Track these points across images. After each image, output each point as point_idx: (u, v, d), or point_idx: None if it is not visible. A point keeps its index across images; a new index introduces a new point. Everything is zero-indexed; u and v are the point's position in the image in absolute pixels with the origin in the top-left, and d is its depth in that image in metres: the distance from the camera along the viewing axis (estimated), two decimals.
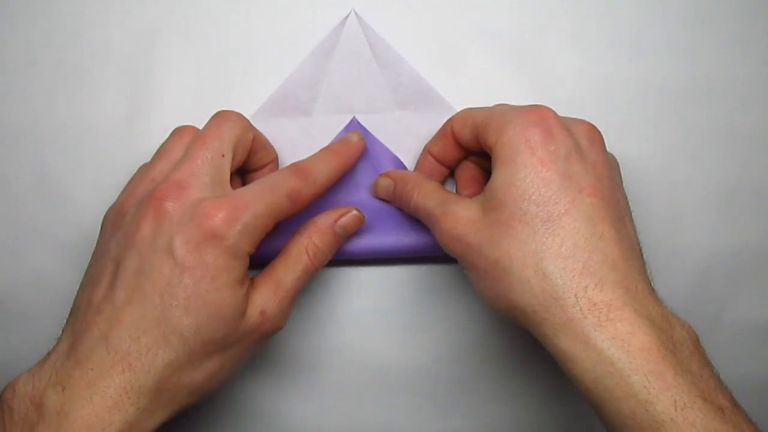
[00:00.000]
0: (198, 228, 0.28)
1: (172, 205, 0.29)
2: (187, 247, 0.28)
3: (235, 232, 0.28)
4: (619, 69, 0.38)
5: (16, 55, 0.38)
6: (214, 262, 0.28)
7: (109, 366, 0.27)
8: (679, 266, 0.38)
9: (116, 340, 0.27)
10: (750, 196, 0.38)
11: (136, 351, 0.27)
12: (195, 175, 0.30)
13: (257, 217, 0.29)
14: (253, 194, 0.30)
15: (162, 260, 0.28)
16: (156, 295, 0.28)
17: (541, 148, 0.29)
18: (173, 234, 0.28)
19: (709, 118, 0.38)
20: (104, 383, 0.27)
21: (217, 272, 0.28)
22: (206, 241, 0.28)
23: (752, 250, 0.38)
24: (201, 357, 0.28)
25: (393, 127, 0.37)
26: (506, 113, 0.30)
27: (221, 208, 0.28)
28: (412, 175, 0.35)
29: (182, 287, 0.28)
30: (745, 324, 0.38)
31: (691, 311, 0.37)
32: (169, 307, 0.28)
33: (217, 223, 0.28)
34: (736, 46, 0.38)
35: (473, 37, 0.38)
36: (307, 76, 0.37)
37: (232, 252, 0.28)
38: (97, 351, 0.27)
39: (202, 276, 0.28)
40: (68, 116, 0.38)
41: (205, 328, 0.28)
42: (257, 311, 0.30)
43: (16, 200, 0.38)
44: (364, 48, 0.37)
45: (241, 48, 0.38)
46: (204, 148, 0.31)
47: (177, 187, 0.30)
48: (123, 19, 0.38)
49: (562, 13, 0.38)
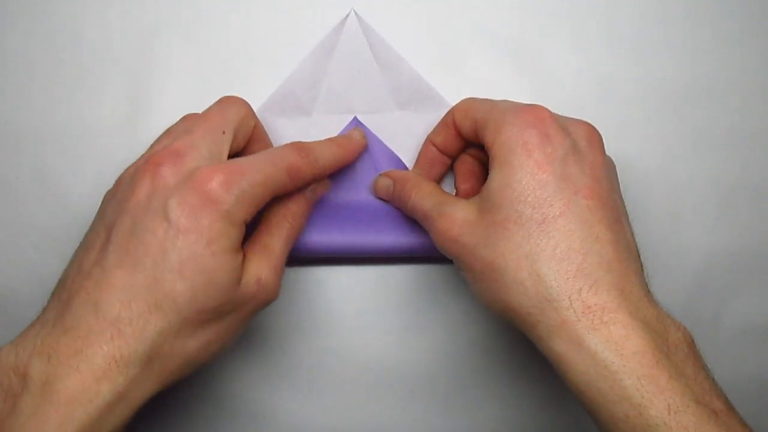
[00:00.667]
0: (194, 191, 0.27)
1: (169, 170, 0.28)
2: (182, 210, 0.27)
3: (232, 197, 0.28)
4: (619, 69, 0.38)
5: (16, 55, 0.38)
6: (209, 227, 0.27)
7: (97, 333, 0.26)
8: (679, 266, 0.38)
9: (106, 305, 0.26)
10: (750, 196, 0.38)
11: (126, 317, 0.26)
12: (193, 146, 0.30)
13: (255, 185, 0.28)
14: (252, 163, 0.29)
15: (156, 223, 0.27)
16: (148, 258, 0.27)
17: (537, 150, 0.29)
18: (168, 196, 0.27)
19: (709, 118, 0.38)
20: (92, 351, 0.25)
21: (213, 237, 0.27)
22: (202, 204, 0.27)
23: (752, 250, 0.38)
24: (195, 325, 0.27)
25: (393, 127, 0.37)
26: (505, 112, 0.30)
27: (219, 173, 0.28)
28: (410, 175, 0.35)
29: (176, 251, 0.27)
30: (745, 324, 0.38)
31: (691, 311, 0.38)
32: (162, 271, 0.26)
33: (213, 187, 0.27)
34: (736, 46, 0.38)
35: (473, 37, 0.38)
36: (307, 76, 0.37)
37: (228, 218, 0.28)
38: (85, 317, 0.26)
39: (197, 240, 0.27)
40: (68, 116, 0.38)
41: (201, 295, 0.27)
42: (253, 279, 0.29)
43: (16, 200, 0.38)
44: (364, 48, 0.37)
45: (241, 48, 0.38)
46: (205, 123, 0.31)
47: (174, 155, 0.29)
48: (123, 19, 0.38)
49: (562, 13, 0.38)
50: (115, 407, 0.26)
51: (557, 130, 0.29)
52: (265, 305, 0.31)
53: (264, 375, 0.38)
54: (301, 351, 0.38)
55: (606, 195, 0.29)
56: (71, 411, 0.25)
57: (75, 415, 0.25)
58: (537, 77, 0.37)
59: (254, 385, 0.38)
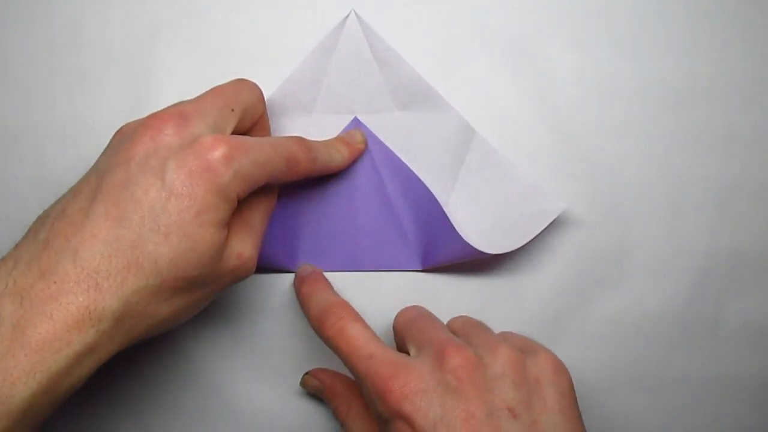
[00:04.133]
0: (195, 157, 0.27)
1: (172, 131, 0.28)
2: (179, 173, 0.27)
3: (231, 171, 0.27)
4: (619, 69, 0.38)
5: (16, 55, 0.38)
6: (203, 197, 0.27)
7: (74, 281, 0.25)
8: (679, 266, 0.38)
9: (86, 255, 0.26)
10: (750, 196, 0.38)
11: (105, 270, 0.26)
12: (200, 113, 0.29)
13: (255, 164, 0.28)
14: (255, 143, 0.29)
15: (150, 181, 0.27)
16: (136, 215, 0.26)
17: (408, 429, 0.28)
18: (168, 157, 0.27)
19: (708, 118, 0.38)
20: (67, 299, 0.25)
21: (204, 208, 0.27)
22: (200, 173, 0.27)
23: (752, 250, 0.38)
24: (171, 291, 0.27)
25: (393, 127, 0.37)
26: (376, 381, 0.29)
27: (222, 145, 0.27)
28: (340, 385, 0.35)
29: (165, 213, 0.26)
30: (745, 324, 0.38)
31: (691, 311, 0.38)
32: (148, 230, 0.26)
33: (214, 157, 0.27)
34: (736, 46, 0.38)
35: (473, 37, 0.38)
36: (307, 76, 0.37)
37: (222, 191, 0.27)
38: (63, 263, 0.25)
39: (188, 207, 0.27)
40: (68, 116, 0.38)
41: (182, 262, 0.27)
42: (235, 254, 0.29)
43: (16, 200, 0.38)
44: (364, 48, 0.37)
45: (241, 48, 0.38)
46: (216, 96, 0.31)
47: (180, 117, 0.29)
48: (123, 19, 0.38)
49: (562, 13, 0.38)
50: (84, 359, 0.26)
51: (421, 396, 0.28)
52: (241, 280, 0.31)
53: (264, 375, 0.38)
54: (301, 351, 0.38)
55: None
56: (41, 358, 0.24)
57: (44, 363, 0.24)
58: (537, 77, 0.37)
59: (253, 384, 0.38)
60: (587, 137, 0.38)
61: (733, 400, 0.37)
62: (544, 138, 0.38)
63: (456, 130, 0.37)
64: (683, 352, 0.37)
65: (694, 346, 0.37)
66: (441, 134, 0.37)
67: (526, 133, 0.37)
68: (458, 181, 0.37)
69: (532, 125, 0.38)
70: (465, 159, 0.37)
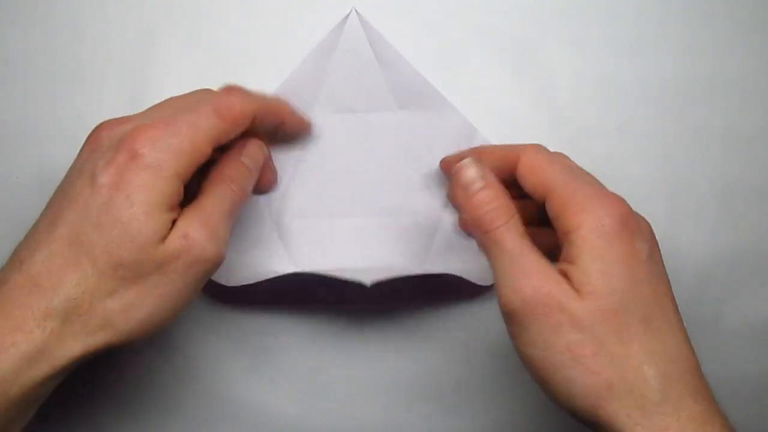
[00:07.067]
0: (120, 151, 0.28)
1: (106, 135, 0.29)
2: (107, 169, 0.27)
3: (156, 150, 0.28)
4: (619, 69, 0.38)
5: (16, 55, 0.38)
6: (131, 180, 0.27)
7: (18, 287, 0.26)
8: (679, 266, 0.38)
9: (30, 261, 0.27)
10: (750, 196, 0.38)
11: (46, 271, 0.27)
12: (138, 115, 0.30)
13: (180, 135, 0.28)
14: (177, 115, 0.29)
15: (84, 183, 0.28)
16: (72, 214, 0.27)
17: (629, 246, 0.28)
18: (98, 159, 0.28)
19: (708, 118, 0.38)
20: (10, 304, 0.26)
21: (134, 191, 0.27)
22: (126, 162, 0.27)
23: (752, 250, 0.38)
24: (113, 282, 0.27)
25: (394, 126, 0.37)
26: (589, 197, 0.29)
27: (145, 130, 0.28)
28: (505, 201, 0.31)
29: (96, 205, 0.27)
30: (745, 324, 0.38)
31: (691, 311, 0.37)
32: (82, 225, 0.27)
33: (138, 144, 0.28)
34: (736, 46, 0.38)
35: (473, 37, 0.38)
36: (308, 76, 0.37)
37: (152, 170, 0.27)
38: (12, 274, 0.27)
39: (117, 194, 0.27)
40: (68, 116, 0.38)
41: (115, 247, 0.27)
42: (179, 234, 0.28)
43: (16, 200, 0.38)
44: (365, 47, 0.37)
45: (241, 48, 0.38)
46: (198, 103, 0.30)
47: (117, 123, 0.30)
48: (123, 19, 0.38)
49: (562, 13, 0.38)
50: (33, 362, 0.26)
51: (638, 226, 0.29)
52: (200, 266, 0.29)
53: (264, 375, 0.38)
54: (301, 351, 0.38)
55: (671, 292, 0.29)
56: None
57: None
58: (537, 77, 0.37)
59: (254, 385, 0.38)
60: (587, 137, 0.38)
61: (732, 399, 0.37)
62: (544, 138, 0.37)
63: (457, 129, 0.37)
64: None
65: (694, 346, 0.37)
66: (442, 133, 0.37)
67: (526, 133, 0.37)
68: None
69: (532, 125, 0.38)
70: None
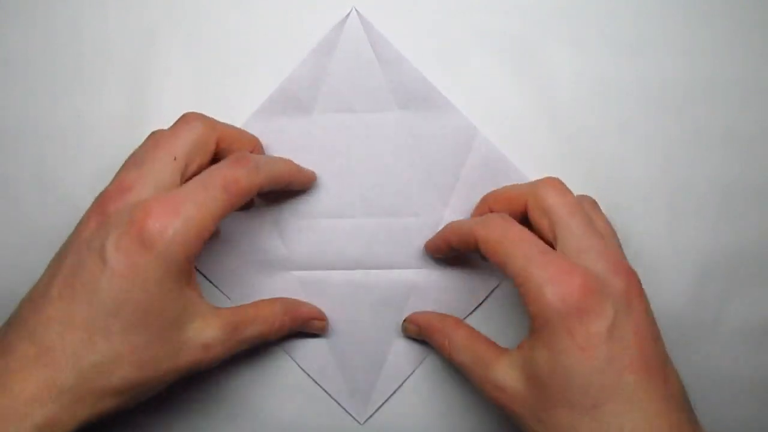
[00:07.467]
0: (128, 233, 0.28)
1: (113, 206, 0.29)
2: (118, 251, 0.28)
3: (167, 238, 0.28)
4: (619, 69, 0.38)
5: (16, 55, 0.38)
6: (143, 267, 0.28)
7: (32, 358, 0.27)
8: (679, 266, 0.38)
9: (42, 334, 0.27)
10: (750, 196, 0.38)
11: (60, 348, 0.27)
12: (140, 178, 0.30)
13: (189, 220, 0.28)
14: (186, 194, 0.29)
15: (94, 261, 0.28)
16: (84, 296, 0.28)
17: (580, 332, 0.28)
18: (106, 236, 0.28)
19: (708, 118, 0.38)
20: (23, 375, 0.26)
21: (146, 278, 0.28)
22: (137, 246, 0.28)
23: (752, 250, 0.38)
24: (129, 359, 0.28)
25: (394, 126, 0.37)
26: (542, 283, 0.28)
27: (153, 212, 0.28)
28: (436, 322, 0.35)
29: (109, 291, 0.27)
30: (745, 324, 0.38)
31: (691, 311, 0.38)
32: (97, 308, 0.27)
33: (147, 228, 0.28)
34: (736, 46, 0.38)
35: (473, 37, 0.38)
36: (308, 75, 0.37)
37: (163, 257, 0.28)
38: (21, 343, 0.27)
39: (130, 280, 0.28)
40: (68, 116, 0.38)
41: (132, 332, 0.28)
42: (201, 341, 0.30)
43: (16, 200, 0.38)
44: (366, 47, 0.37)
45: (241, 48, 0.38)
46: (154, 152, 0.31)
47: (120, 191, 0.30)
48: (123, 19, 0.38)
49: (562, 13, 0.38)
50: (46, 430, 0.26)
51: (597, 301, 0.28)
52: (201, 371, 0.31)
53: (264, 375, 0.38)
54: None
55: (651, 360, 0.28)
56: (2, 429, 0.25)
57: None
58: (537, 77, 0.37)
59: (254, 385, 0.38)
60: (587, 137, 0.38)
61: (733, 400, 0.37)
62: (544, 138, 0.38)
63: (458, 129, 0.37)
64: (683, 352, 0.37)
65: (694, 346, 0.37)
66: (442, 133, 0.37)
67: (526, 133, 0.38)
68: (459, 181, 0.37)
69: (532, 125, 0.38)
70: (467, 159, 0.37)
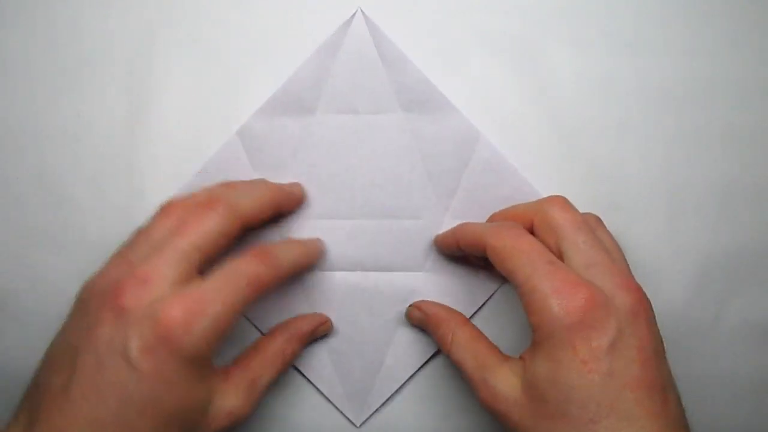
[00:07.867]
0: (153, 332, 0.27)
1: (131, 302, 0.28)
2: (142, 352, 0.27)
3: (193, 339, 0.27)
4: (619, 69, 0.38)
5: (16, 55, 0.38)
6: (170, 369, 0.27)
7: None
8: (679, 266, 0.38)
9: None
10: (749, 196, 0.38)
11: None
12: (160, 269, 0.29)
13: (216, 319, 0.28)
14: (212, 291, 0.28)
15: (118, 363, 0.27)
16: (111, 397, 0.27)
17: (582, 346, 0.28)
18: (129, 336, 0.27)
19: (708, 118, 0.38)
20: None
21: (174, 378, 0.27)
22: (162, 347, 0.27)
23: (751, 250, 0.38)
24: None
25: (397, 128, 0.37)
26: (547, 296, 0.28)
27: (178, 312, 0.27)
28: (443, 315, 0.35)
29: (138, 393, 0.27)
30: (745, 324, 0.38)
31: (691, 311, 0.38)
32: (124, 410, 0.27)
33: (173, 328, 0.27)
34: (736, 46, 0.38)
35: (473, 37, 0.38)
36: (311, 75, 0.37)
37: (190, 358, 0.28)
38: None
39: (158, 382, 0.27)
40: (68, 116, 0.38)
41: (162, 430, 0.28)
42: (225, 411, 0.30)
43: (16, 200, 0.38)
44: (370, 48, 0.37)
45: (243, 47, 0.38)
46: (177, 239, 0.30)
47: (138, 283, 0.28)
48: (123, 20, 0.38)
49: (562, 13, 0.38)
50: None
51: (601, 316, 0.28)
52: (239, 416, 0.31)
53: None
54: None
55: (652, 378, 0.28)
56: None
57: None
58: (537, 77, 0.38)
59: None
60: (587, 137, 0.38)
61: (733, 400, 0.37)
62: (545, 138, 0.38)
63: (460, 132, 0.37)
64: (683, 352, 0.37)
65: (694, 346, 0.37)
66: (445, 136, 0.37)
67: (526, 133, 0.38)
68: (461, 185, 0.37)
69: (532, 125, 0.38)
70: (469, 162, 0.37)
